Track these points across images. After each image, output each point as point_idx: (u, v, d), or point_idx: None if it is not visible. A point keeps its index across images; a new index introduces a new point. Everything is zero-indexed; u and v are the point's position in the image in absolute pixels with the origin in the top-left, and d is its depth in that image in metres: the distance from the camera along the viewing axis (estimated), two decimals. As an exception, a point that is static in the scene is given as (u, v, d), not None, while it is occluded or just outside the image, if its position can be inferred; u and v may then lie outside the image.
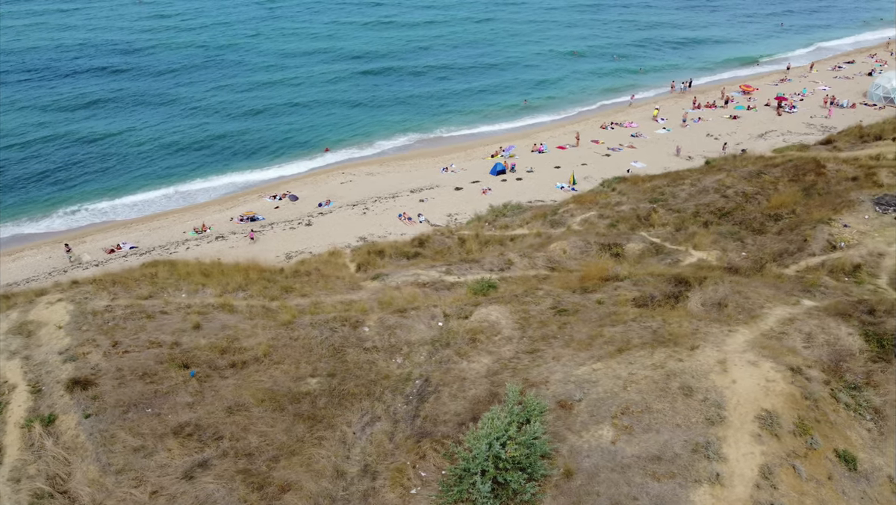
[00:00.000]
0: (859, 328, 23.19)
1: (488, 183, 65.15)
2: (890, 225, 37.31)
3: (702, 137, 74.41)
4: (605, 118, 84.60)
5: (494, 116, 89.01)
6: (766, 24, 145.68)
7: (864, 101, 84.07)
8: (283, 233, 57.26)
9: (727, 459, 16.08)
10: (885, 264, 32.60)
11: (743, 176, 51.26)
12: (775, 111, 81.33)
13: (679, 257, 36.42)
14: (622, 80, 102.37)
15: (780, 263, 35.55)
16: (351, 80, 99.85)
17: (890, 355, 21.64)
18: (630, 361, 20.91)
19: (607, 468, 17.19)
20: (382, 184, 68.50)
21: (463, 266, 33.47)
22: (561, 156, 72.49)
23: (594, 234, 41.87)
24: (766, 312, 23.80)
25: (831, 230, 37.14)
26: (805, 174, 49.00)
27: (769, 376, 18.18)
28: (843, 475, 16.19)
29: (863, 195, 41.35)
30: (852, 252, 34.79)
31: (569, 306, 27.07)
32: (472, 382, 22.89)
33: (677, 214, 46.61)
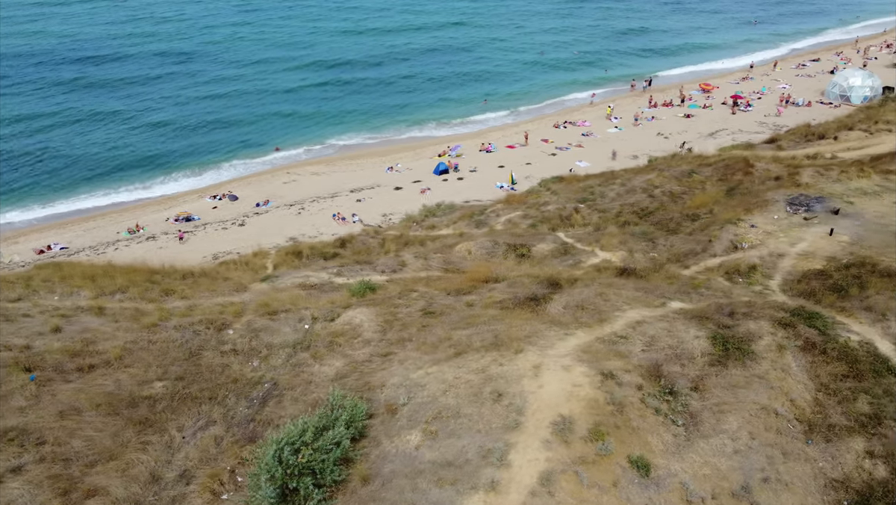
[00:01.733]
0: (711, 331, 23.13)
1: (429, 183, 65.03)
2: (798, 225, 37.32)
3: (652, 136, 74.46)
4: (564, 117, 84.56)
5: (452, 116, 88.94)
6: (740, 22, 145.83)
7: (821, 100, 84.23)
8: (215, 233, 57.05)
9: (511, 466, 15.96)
10: (782, 265, 32.57)
11: (674, 175, 51.28)
12: (730, 110, 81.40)
13: (582, 258, 36.32)
14: (586, 80, 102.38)
15: (683, 264, 35.47)
16: (312, 81, 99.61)
17: (731, 359, 21.57)
18: (461, 364, 20.80)
19: (402, 474, 17.05)
20: (326, 183, 68.33)
21: (355, 268, 33.33)
22: (508, 155, 72.43)
23: (508, 234, 41.78)
24: (619, 315, 23.71)
25: (737, 231, 37.11)
26: (734, 174, 49.10)
27: (577, 381, 18.07)
28: (631, 481, 16.08)
29: (778, 195, 41.40)
30: (753, 253, 34.76)
31: (438, 309, 26.96)
32: (318, 386, 22.73)
33: (601, 214, 46.61)
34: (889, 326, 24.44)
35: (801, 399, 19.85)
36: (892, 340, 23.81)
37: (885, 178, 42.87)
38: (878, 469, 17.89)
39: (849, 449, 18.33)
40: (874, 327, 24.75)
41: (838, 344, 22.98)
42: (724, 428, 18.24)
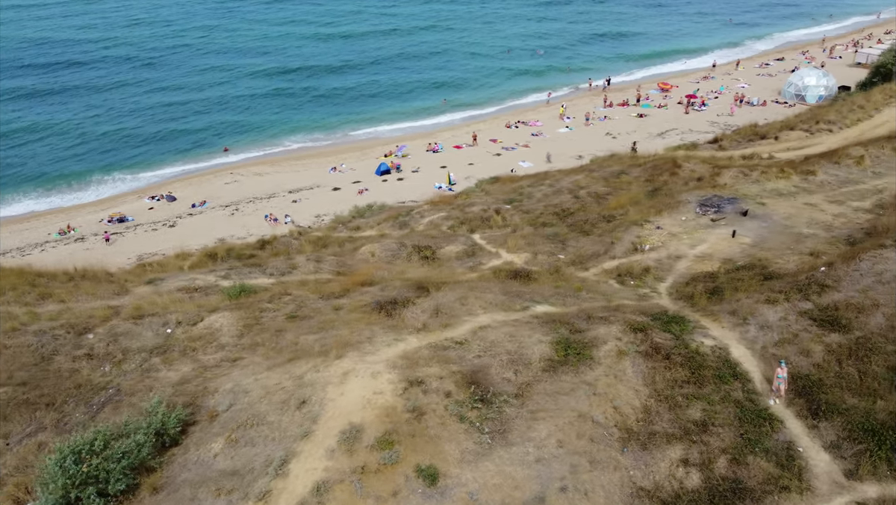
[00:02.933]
0: (559, 336, 22.97)
1: (369, 183, 64.81)
2: (704, 227, 37.24)
3: (601, 136, 74.42)
4: (518, 117, 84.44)
5: (409, 116, 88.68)
6: (713, 21, 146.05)
7: (777, 99, 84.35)
8: (144, 234, 56.72)
9: (288, 476, 15.75)
10: (678, 267, 32.48)
11: (603, 176, 51.20)
12: (684, 109, 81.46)
13: (485, 260, 36.15)
14: (548, 80, 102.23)
15: (583, 266, 35.35)
16: (275, 84, 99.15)
17: (567, 365, 21.40)
18: (288, 370, 20.61)
19: (191, 483, 16.83)
20: (267, 184, 68.08)
21: (244, 270, 33.06)
22: (454, 156, 72.28)
23: (421, 236, 41.64)
24: (469, 319, 23.55)
25: (641, 232, 37.01)
26: (661, 174, 49.05)
27: (379, 389, 17.87)
28: (414, 491, 15.89)
29: (692, 196, 41.34)
30: (652, 255, 34.66)
31: (304, 313, 26.70)
32: (158, 392, 22.40)
33: (525, 215, 46.45)
34: (747, 331, 24.33)
35: (627, 406, 19.67)
36: (748, 344, 23.68)
37: (803, 179, 42.88)
38: (690, 478, 17.75)
39: (664, 457, 18.18)
40: (734, 332, 24.64)
41: (688, 350, 22.85)
42: (533, 436, 18.04)
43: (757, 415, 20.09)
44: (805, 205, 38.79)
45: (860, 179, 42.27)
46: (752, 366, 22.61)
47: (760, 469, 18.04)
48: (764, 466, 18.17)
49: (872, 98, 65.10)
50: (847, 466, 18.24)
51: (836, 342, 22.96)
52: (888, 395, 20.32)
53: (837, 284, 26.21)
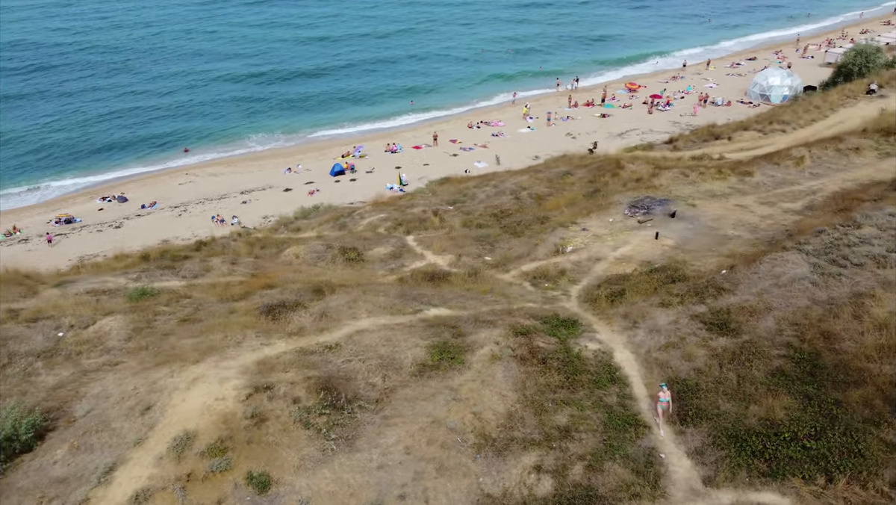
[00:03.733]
0: (438, 340, 22.83)
1: (321, 184, 64.63)
2: (630, 228, 37.17)
3: (561, 136, 74.39)
4: (482, 117, 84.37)
5: (375, 117, 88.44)
6: (692, 21, 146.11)
7: (742, 99, 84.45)
8: (89, 236, 56.44)
9: (111, 483, 15.56)
10: (595, 270, 32.40)
11: (549, 177, 51.11)
12: (647, 109, 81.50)
13: (407, 262, 36.00)
14: (518, 79, 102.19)
15: (505, 268, 35.23)
16: (242, 85, 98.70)
17: (438, 369, 21.24)
18: (150, 375, 20.37)
19: (22, 490, 16.64)
20: (221, 185, 67.87)
21: (156, 273, 32.81)
22: (413, 156, 72.20)
23: (353, 237, 41.51)
24: (351, 323, 23.41)
25: (566, 234, 36.90)
26: (603, 175, 48.92)
27: (223, 395, 17.68)
28: (241, 499, 15.73)
29: (625, 197, 41.28)
30: (573, 257, 34.58)
31: (199, 316, 26.49)
32: (32, 396, 22.10)
33: (465, 216, 46.28)
34: (636, 335, 24.25)
35: (489, 411, 19.51)
36: (633, 349, 23.60)
37: (740, 181, 42.88)
38: (542, 485, 17.60)
39: (517, 464, 18.03)
40: (622, 335, 24.56)
41: (568, 354, 22.75)
42: (381, 442, 17.88)
43: (624, 421, 19.98)
44: (736, 206, 38.72)
45: (796, 181, 42.23)
46: (632, 370, 22.51)
47: (616, 476, 17.90)
48: (620, 472, 18.03)
49: (829, 98, 65.20)
50: (707, 472, 18.13)
51: (722, 346, 22.87)
52: (763, 399, 20.21)
53: (735, 288, 26.15)
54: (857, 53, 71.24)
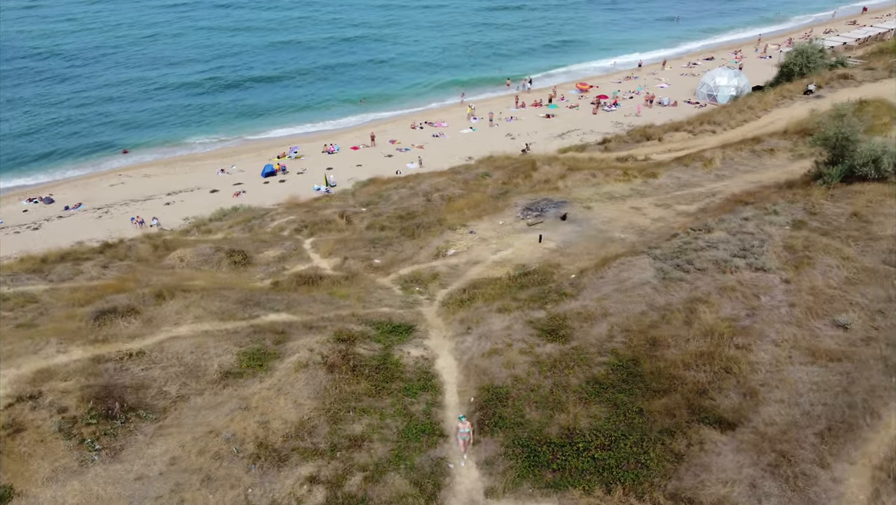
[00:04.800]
0: (254, 347, 22.55)
1: (250, 185, 64.21)
2: (518, 231, 36.98)
3: (501, 137, 74.15)
4: (428, 117, 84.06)
5: (321, 117, 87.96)
6: (663, 22, 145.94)
7: (689, 99, 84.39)
8: (5, 238, 55.92)
9: None
10: (469, 273, 32.22)
11: (466, 179, 50.88)
12: (592, 110, 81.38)
13: (288, 265, 35.71)
14: (473, 80, 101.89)
15: (386, 272, 34.97)
16: (193, 86, 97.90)
17: (242, 377, 20.96)
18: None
19: None
20: (151, 186, 67.37)
21: (22, 276, 32.38)
22: (350, 156, 71.85)
23: (248, 240, 41.13)
24: (169, 329, 23.13)
25: (452, 237, 36.65)
26: (517, 176, 48.71)
27: None
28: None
29: (523, 199, 41.08)
30: (452, 260, 34.37)
31: (40, 322, 26.06)
32: None
33: (375, 218, 46.01)
34: (464, 341, 24.06)
35: (279, 421, 19.23)
36: (458, 355, 23.38)
37: (644, 182, 42.71)
38: (313, 496, 17.37)
39: (293, 475, 17.74)
40: (452, 341, 24.37)
41: (387, 361, 22.48)
42: (148, 453, 17.57)
43: (422, 430, 19.75)
44: (631, 208, 38.56)
45: (700, 183, 42.11)
46: (450, 377, 22.28)
47: (393, 488, 17.68)
48: (399, 484, 17.81)
49: (765, 99, 65.16)
50: (492, 483, 17.95)
51: (547, 353, 22.67)
52: (572, 408, 20.03)
53: (578, 293, 25.96)
54: (797, 54, 71.20)
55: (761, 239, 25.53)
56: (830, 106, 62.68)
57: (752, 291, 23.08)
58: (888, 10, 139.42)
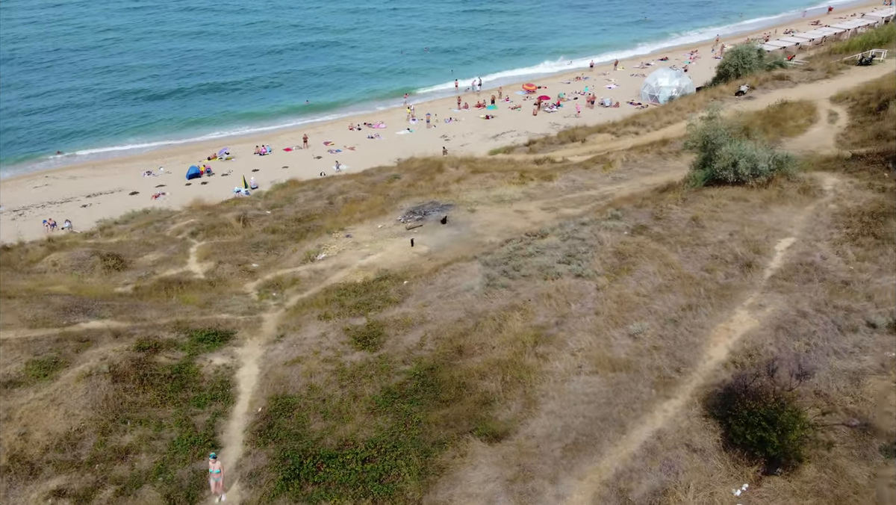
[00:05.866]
0: (50, 356, 22.17)
1: (172, 187, 63.78)
2: (396, 235, 36.79)
3: (435, 138, 73.90)
4: (370, 118, 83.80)
5: (261, 118, 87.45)
6: (630, 23, 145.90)
7: (632, 100, 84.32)
8: (-84, 240, 55.28)
9: None
10: (333, 278, 32.04)
11: (374, 181, 50.61)
12: (533, 111, 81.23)
13: (159, 270, 35.32)
14: (423, 80, 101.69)
15: (253, 277, 34.61)
16: (140, 91, 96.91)
17: (20, 387, 20.57)
18: None
19: None
20: (75, 188, 66.80)
21: None
22: (281, 158, 71.47)
23: (133, 244, 40.72)
24: None
25: (327, 240, 36.36)
26: (421, 178, 48.47)
27: None
28: None
29: (409, 203, 40.80)
30: (321, 265, 34.12)
31: None
32: None
33: (275, 221, 45.67)
34: (274, 349, 23.78)
35: (42, 432, 18.94)
36: (264, 363, 23.07)
37: (539, 185, 42.58)
38: (57, 508, 16.91)
39: (39, 488, 17.38)
40: (263, 349, 24.04)
41: (184, 370, 22.16)
42: None
43: (194, 441, 19.45)
44: (515, 212, 38.35)
45: (595, 185, 41.96)
46: (248, 386, 22.04)
47: (144, 501, 17.30)
48: (152, 497, 17.52)
49: (695, 101, 65.16)
50: (250, 496, 17.67)
51: (353, 361, 22.47)
52: (357, 418, 19.80)
53: (404, 299, 25.71)
54: (733, 55, 71.26)
55: (591, 245, 25.33)
56: (762, 106, 62.81)
57: (567, 299, 22.85)
58: (852, 10, 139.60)
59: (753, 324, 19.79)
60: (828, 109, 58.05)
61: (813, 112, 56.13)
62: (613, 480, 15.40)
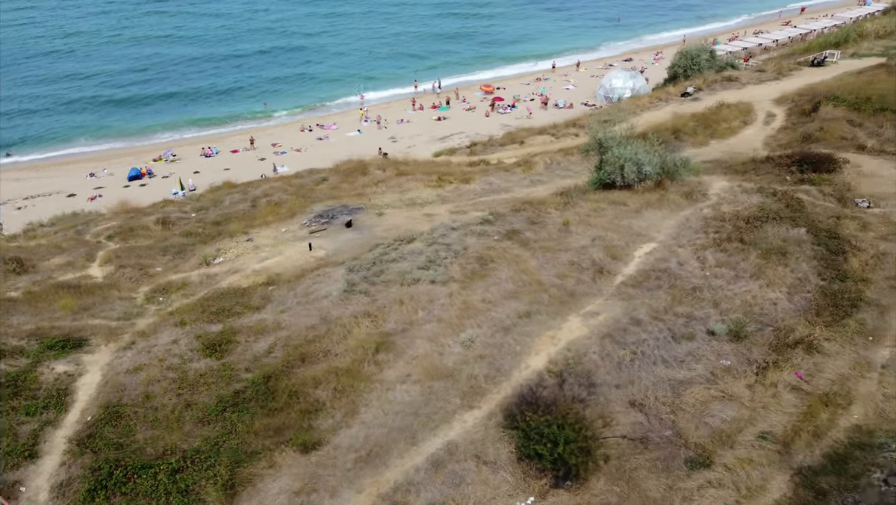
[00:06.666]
0: None
1: (111, 190, 63.56)
2: (299, 238, 36.52)
3: (384, 140, 73.77)
4: (325, 120, 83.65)
5: (214, 121, 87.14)
6: (599, 22, 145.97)
7: (586, 101, 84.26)
8: None
9: None
10: (222, 283, 31.59)
11: (302, 183, 50.45)
12: (485, 112, 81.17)
13: (56, 274, 35.01)
14: (383, 83, 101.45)
15: (151, 280, 34.33)
16: (98, 95, 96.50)
17: None
18: None
19: None
20: (17, 190, 66.30)
21: None
22: (227, 160, 71.24)
23: (48, 246, 40.44)
24: None
25: (227, 244, 36.14)
26: (346, 180, 48.30)
27: None
28: None
29: (320, 206, 40.60)
30: (215, 269, 33.88)
31: None
32: None
33: (195, 224, 45.37)
34: (123, 356, 23.50)
35: None
36: (109, 370, 22.81)
37: (456, 188, 42.46)
38: None
39: None
40: (114, 356, 23.75)
41: (20, 377, 21.91)
42: None
43: (10, 451, 19.11)
44: (423, 215, 38.11)
45: (511, 188, 41.81)
46: (86, 395, 21.79)
47: (-58, 513, 17.00)
48: (-49, 508, 17.13)
49: (640, 102, 65.02)
50: (57, 506, 17.30)
51: (197, 368, 22.28)
52: (188, 427, 19.56)
53: (264, 305, 25.54)
54: (681, 56, 71.24)
55: (455, 251, 25.16)
56: (704, 108, 62.76)
57: (416, 306, 22.69)
58: (825, 10, 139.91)
59: (582, 332, 19.65)
60: (767, 111, 58.10)
61: (749, 114, 56.19)
62: (391, 493, 15.24)
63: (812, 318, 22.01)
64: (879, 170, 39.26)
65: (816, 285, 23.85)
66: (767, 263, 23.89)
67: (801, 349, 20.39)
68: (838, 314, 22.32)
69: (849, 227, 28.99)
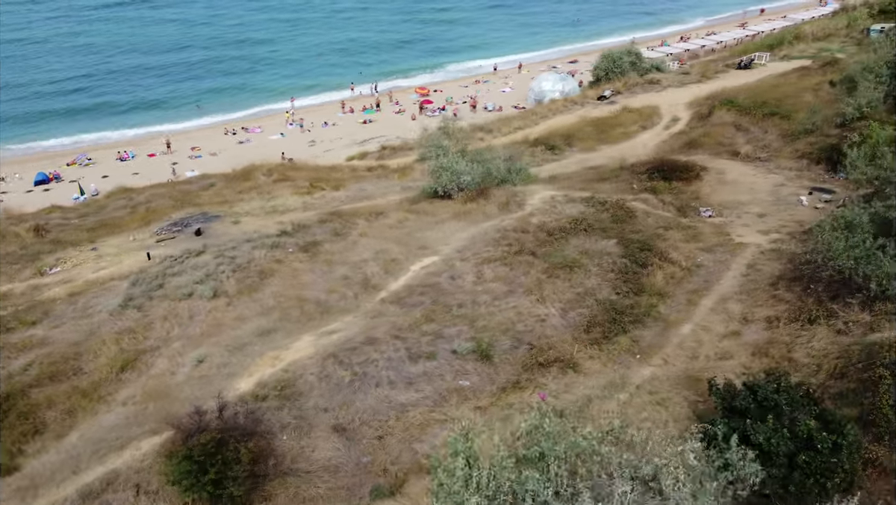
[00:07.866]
0: None
1: (16, 195, 62.84)
2: (146, 248, 35.81)
3: (303, 143, 73.28)
4: (250, 123, 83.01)
5: (143, 123, 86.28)
6: (561, 23, 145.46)
7: (517, 104, 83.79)
8: None
9: None
10: (47, 294, 30.84)
11: (189, 189, 49.95)
12: (411, 116, 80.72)
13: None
14: (324, 84, 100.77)
15: None
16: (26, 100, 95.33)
17: None
18: None
19: None
20: (-75, 194, 65.76)
21: None
22: (142, 163, 70.55)
23: None
24: None
25: (71, 253, 35.54)
26: (231, 186, 47.81)
27: None
28: None
29: (179, 213, 40.05)
30: (47, 279, 33.14)
31: None
32: None
33: (73, 231, 44.70)
34: None
35: None
36: None
37: (324, 195, 41.93)
38: None
39: None
40: None
41: None
42: None
43: None
44: (276, 224, 37.51)
45: (385, 194, 41.28)
46: None
47: None
48: None
49: (553, 106, 64.67)
50: None
51: None
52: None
53: (42, 319, 24.93)
54: (604, 58, 70.98)
55: (238, 264, 24.63)
56: (608, 112, 62.42)
57: (175, 322, 22.17)
58: (782, 12, 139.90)
59: (307, 351, 19.15)
60: (673, 115, 57.95)
61: (652, 118, 55.95)
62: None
63: (580, 335, 21.56)
64: (742, 177, 39.01)
65: (602, 300, 23.40)
66: (550, 277, 23.41)
67: (556, 368, 19.92)
68: (613, 331, 21.91)
69: (672, 238, 28.59)
